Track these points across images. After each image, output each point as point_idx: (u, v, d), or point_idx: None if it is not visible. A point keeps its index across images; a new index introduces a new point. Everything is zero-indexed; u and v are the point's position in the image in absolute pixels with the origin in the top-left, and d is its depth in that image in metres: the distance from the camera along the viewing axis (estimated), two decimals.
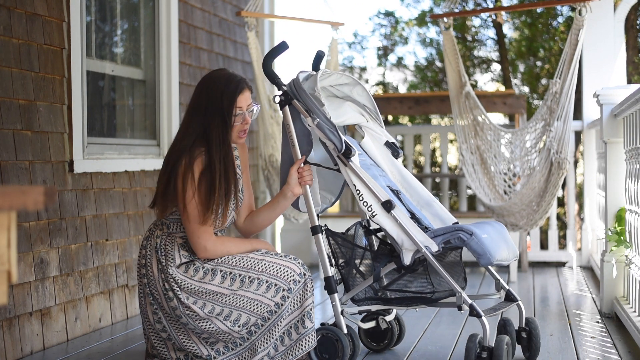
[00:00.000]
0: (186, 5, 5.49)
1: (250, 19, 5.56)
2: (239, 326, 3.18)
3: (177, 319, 3.21)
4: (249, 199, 3.50)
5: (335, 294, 3.40)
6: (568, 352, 3.68)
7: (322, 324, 3.42)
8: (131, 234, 4.65)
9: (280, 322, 3.21)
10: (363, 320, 3.65)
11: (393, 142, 3.64)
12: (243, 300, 3.19)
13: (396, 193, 3.48)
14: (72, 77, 4.15)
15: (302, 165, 3.44)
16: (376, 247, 3.64)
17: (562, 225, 10.00)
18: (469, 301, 3.21)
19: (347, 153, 3.34)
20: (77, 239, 4.15)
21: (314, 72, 3.53)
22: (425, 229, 3.39)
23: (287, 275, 3.22)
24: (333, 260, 3.52)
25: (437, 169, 10.34)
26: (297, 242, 6.93)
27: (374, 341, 3.76)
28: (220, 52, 6.06)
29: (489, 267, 3.49)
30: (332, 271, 3.43)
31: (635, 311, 3.97)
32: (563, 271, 6.34)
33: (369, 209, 3.31)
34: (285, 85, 3.47)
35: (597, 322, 4.36)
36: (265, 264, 3.24)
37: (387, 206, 3.29)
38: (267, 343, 3.21)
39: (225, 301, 3.19)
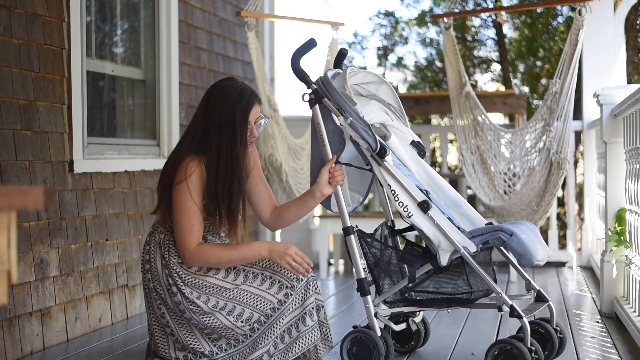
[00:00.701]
0: (186, 5, 5.48)
1: (250, 19, 5.56)
2: (242, 322, 3.19)
3: (181, 314, 3.21)
4: (268, 195, 3.46)
5: (368, 296, 3.34)
6: (568, 352, 3.68)
7: (354, 327, 3.39)
8: (131, 234, 4.65)
9: (282, 319, 3.21)
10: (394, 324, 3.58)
11: (419, 142, 3.55)
12: (246, 295, 3.20)
13: (425, 193, 3.39)
14: (72, 77, 4.15)
15: (334, 165, 3.38)
16: (402, 248, 3.60)
17: (562, 225, 10.00)
18: (510, 302, 3.20)
19: (382, 153, 3.29)
20: (77, 239, 4.15)
21: (341, 70, 3.47)
22: (457, 229, 3.33)
23: (291, 272, 3.23)
24: (365, 262, 3.45)
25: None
26: (297, 242, 6.93)
27: (399, 343, 3.70)
28: (220, 52, 6.06)
29: (520, 267, 3.46)
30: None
31: (635, 311, 3.97)
32: (563, 271, 6.34)
33: (405, 210, 3.26)
34: (314, 84, 3.38)
35: (597, 322, 4.36)
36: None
37: (424, 207, 3.24)
38: (267, 340, 3.21)
39: (229, 295, 3.20)
